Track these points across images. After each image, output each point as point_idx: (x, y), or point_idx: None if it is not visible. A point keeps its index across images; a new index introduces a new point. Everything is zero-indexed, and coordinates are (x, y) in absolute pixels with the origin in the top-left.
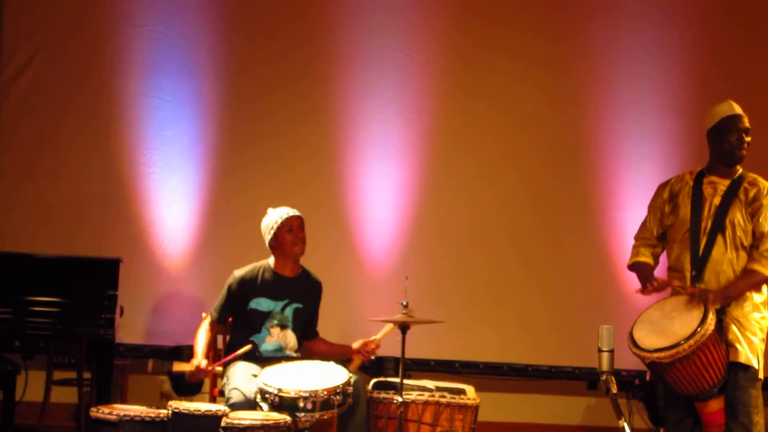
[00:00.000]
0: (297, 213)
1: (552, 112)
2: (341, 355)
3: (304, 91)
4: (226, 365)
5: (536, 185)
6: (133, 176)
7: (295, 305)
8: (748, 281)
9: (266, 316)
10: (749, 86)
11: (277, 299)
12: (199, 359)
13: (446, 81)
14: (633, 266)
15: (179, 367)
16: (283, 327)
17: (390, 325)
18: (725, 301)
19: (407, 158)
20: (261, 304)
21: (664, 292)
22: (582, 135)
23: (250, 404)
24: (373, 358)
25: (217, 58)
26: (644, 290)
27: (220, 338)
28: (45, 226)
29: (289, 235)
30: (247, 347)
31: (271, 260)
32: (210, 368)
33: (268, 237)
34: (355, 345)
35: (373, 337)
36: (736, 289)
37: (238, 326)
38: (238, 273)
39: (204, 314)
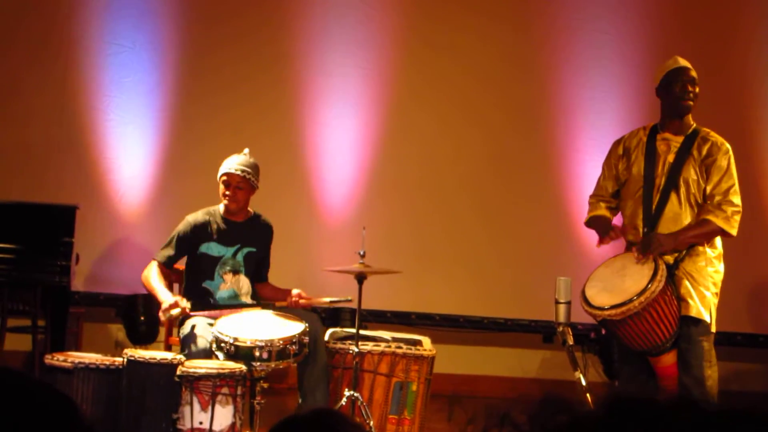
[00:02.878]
0: (240, 171)
1: (511, 66)
2: (281, 300)
3: (265, 42)
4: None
5: (494, 139)
6: (91, 123)
7: (247, 249)
8: (699, 230)
9: (217, 261)
10: (710, 43)
11: (228, 245)
12: (182, 301)
13: (406, 35)
14: (591, 220)
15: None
16: (235, 272)
17: (326, 299)
18: (674, 247)
19: (366, 110)
20: (212, 248)
21: (618, 249)
22: (541, 90)
23: (206, 354)
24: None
25: (176, 5)
26: (602, 241)
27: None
28: (2, 173)
29: (222, 189)
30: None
31: (221, 206)
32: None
33: (218, 181)
34: (295, 292)
35: (315, 299)
36: (687, 236)
37: (190, 273)
38: (191, 218)
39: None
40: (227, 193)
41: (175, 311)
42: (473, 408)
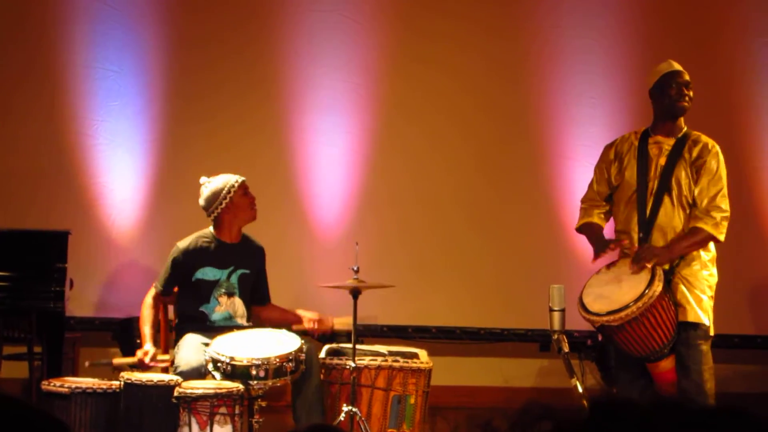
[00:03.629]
0: (242, 177)
1: (498, 75)
2: (292, 323)
3: (252, 61)
4: (176, 339)
5: (484, 149)
6: (80, 148)
7: (240, 271)
8: (692, 240)
9: (213, 285)
10: (697, 46)
11: (222, 267)
12: (146, 348)
13: (393, 47)
14: (582, 227)
15: (119, 361)
16: (230, 295)
17: (350, 319)
18: (669, 260)
19: (355, 125)
20: (207, 273)
21: (613, 256)
22: (529, 98)
23: (199, 374)
24: (315, 335)
25: (162, 28)
26: (599, 256)
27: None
28: None
29: (246, 199)
30: (168, 357)
31: (211, 228)
32: (154, 363)
33: (222, 204)
34: (308, 315)
35: (332, 320)
36: (681, 248)
37: (185, 296)
38: (182, 244)
39: (153, 286)
40: (253, 198)
41: (139, 354)
42: (455, 418)
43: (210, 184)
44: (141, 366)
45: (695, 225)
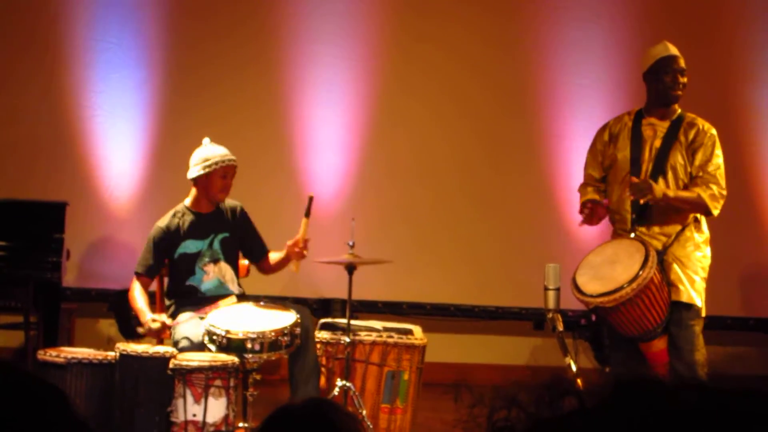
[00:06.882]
0: (235, 161)
1: (498, 54)
2: (284, 262)
3: (251, 35)
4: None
5: (483, 126)
6: (79, 120)
7: (221, 236)
8: (686, 195)
9: (196, 256)
10: (696, 28)
11: (203, 237)
12: (160, 316)
13: (393, 24)
14: (584, 205)
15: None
16: (215, 261)
17: (304, 220)
18: (662, 203)
19: (354, 101)
20: (189, 246)
21: (606, 235)
22: (528, 76)
23: (200, 350)
24: (306, 253)
25: (162, 1)
26: (582, 213)
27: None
28: None
29: (221, 182)
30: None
31: (187, 201)
32: (172, 323)
33: (198, 171)
34: (289, 244)
35: (297, 237)
36: (674, 198)
37: (172, 274)
38: (161, 223)
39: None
40: (229, 183)
41: (155, 325)
42: (478, 392)
43: (206, 148)
44: (163, 330)
45: (694, 189)
